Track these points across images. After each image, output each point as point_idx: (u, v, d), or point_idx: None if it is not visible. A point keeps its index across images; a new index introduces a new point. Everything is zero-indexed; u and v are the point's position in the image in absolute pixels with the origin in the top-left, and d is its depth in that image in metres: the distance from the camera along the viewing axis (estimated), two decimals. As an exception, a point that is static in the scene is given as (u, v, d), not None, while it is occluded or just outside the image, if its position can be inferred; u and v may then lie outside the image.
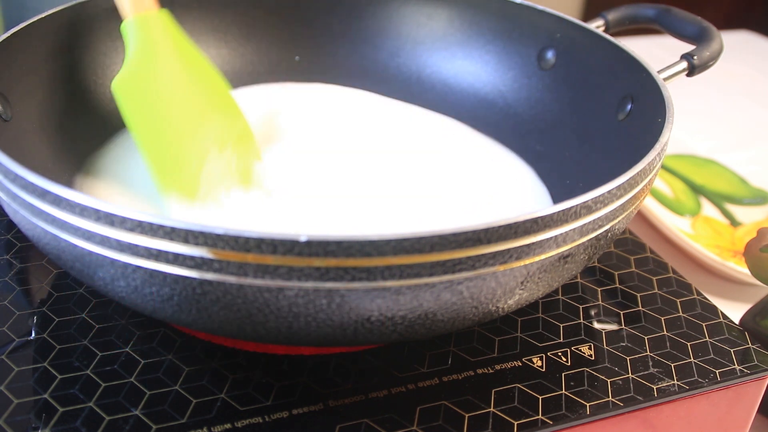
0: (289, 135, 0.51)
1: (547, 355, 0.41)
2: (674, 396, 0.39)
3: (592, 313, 0.44)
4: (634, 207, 0.36)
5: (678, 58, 0.46)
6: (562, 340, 0.42)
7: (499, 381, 0.39)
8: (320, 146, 0.50)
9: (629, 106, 0.45)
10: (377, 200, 0.46)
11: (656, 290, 0.46)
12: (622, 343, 0.42)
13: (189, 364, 0.38)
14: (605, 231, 0.35)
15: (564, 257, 0.33)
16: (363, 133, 0.52)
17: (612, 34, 0.50)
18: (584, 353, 0.41)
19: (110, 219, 0.30)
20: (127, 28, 0.44)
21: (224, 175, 0.44)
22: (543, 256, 0.32)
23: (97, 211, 0.30)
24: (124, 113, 0.44)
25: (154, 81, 0.44)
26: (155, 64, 0.44)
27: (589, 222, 0.33)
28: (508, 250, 0.31)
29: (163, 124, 0.44)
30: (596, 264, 0.48)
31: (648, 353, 0.41)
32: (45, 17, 0.46)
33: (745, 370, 0.41)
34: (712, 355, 0.42)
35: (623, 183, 0.34)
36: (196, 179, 0.43)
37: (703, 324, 0.44)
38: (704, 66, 0.46)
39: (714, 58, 0.46)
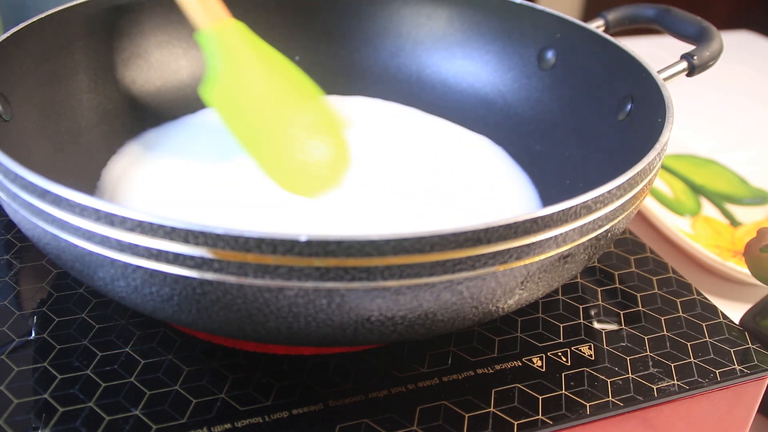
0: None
1: (547, 355, 0.41)
2: (674, 396, 0.39)
3: (592, 313, 0.44)
4: (634, 207, 0.36)
5: (678, 58, 0.46)
6: (562, 340, 0.42)
7: (499, 381, 0.39)
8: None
9: (629, 106, 0.45)
10: (377, 201, 0.46)
11: (656, 290, 0.46)
12: (622, 343, 0.42)
13: (189, 364, 0.38)
14: (605, 231, 0.35)
15: (564, 257, 0.33)
16: (362, 137, 0.52)
17: (612, 34, 0.50)
18: (584, 353, 0.41)
19: (110, 219, 0.30)
20: (206, 38, 0.46)
21: (320, 160, 0.46)
22: (543, 256, 0.32)
23: (97, 211, 0.30)
24: (218, 115, 0.46)
25: (242, 82, 0.46)
26: (240, 67, 0.46)
27: (589, 222, 0.33)
28: (508, 250, 0.31)
29: (256, 120, 0.47)
30: (596, 264, 0.48)
31: (648, 353, 0.41)
32: (45, 17, 0.46)
33: (745, 370, 0.41)
34: (712, 355, 0.42)
35: (623, 183, 0.34)
36: (293, 162, 0.46)
37: (703, 324, 0.44)
38: (704, 66, 0.46)
39: (714, 58, 0.46)
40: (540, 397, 0.38)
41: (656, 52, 0.64)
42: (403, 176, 0.48)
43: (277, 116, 0.47)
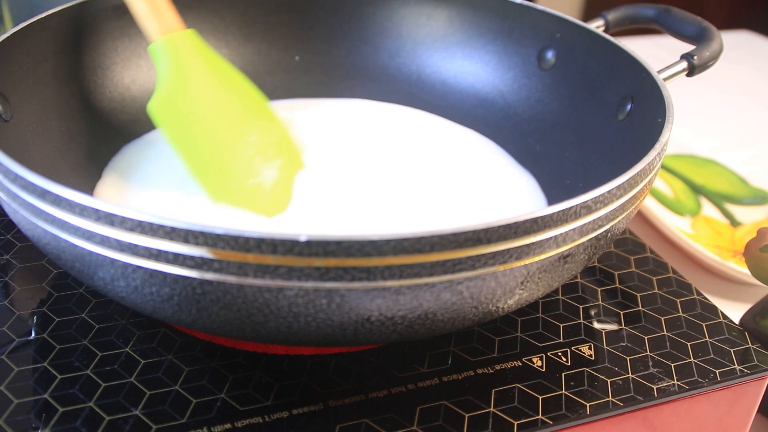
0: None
1: (547, 355, 0.41)
2: (674, 396, 0.39)
3: (592, 313, 0.44)
4: (634, 207, 0.36)
5: (678, 58, 0.46)
6: (562, 340, 0.42)
7: (499, 381, 0.39)
8: (320, 153, 0.50)
9: (629, 106, 0.45)
10: (378, 201, 0.46)
11: (656, 290, 0.46)
12: (622, 343, 0.42)
13: (189, 364, 0.38)
14: (605, 231, 0.35)
15: (564, 257, 0.33)
16: (361, 138, 0.52)
17: (612, 34, 0.50)
18: (584, 353, 0.41)
19: (110, 219, 0.30)
20: (156, 50, 0.45)
21: (270, 182, 0.44)
22: (543, 256, 0.32)
23: (97, 211, 0.30)
24: (164, 133, 0.45)
25: (190, 99, 0.45)
26: (189, 83, 0.45)
27: (589, 222, 0.33)
28: (508, 250, 0.31)
29: (203, 139, 0.45)
30: (596, 264, 0.48)
31: (648, 353, 0.41)
32: (45, 17, 0.46)
33: (745, 370, 0.41)
34: (712, 355, 0.42)
35: (623, 183, 0.34)
36: (243, 188, 0.44)
37: (703, 324, 0.44)
38: (704, 66, 0.46)
39: (714, 58, 0.46)
40: (540, 397, 0.38)
41: (656, 52, 0.64)
42: (402, 177, 0.48)
43: (224, 134, 0.45)
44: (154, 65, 0.45)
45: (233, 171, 0.44)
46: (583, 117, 0.49)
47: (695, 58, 0.45)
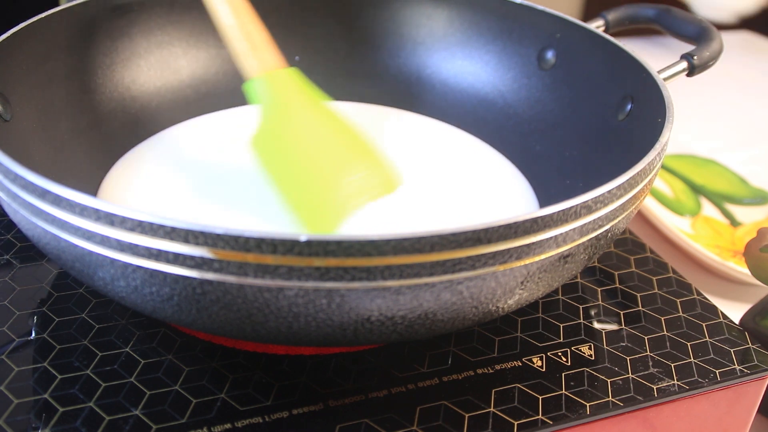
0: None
1: (547, 355, 0.41)
2: (674, 396, 0.39)
3: (592, 313, 0.44)
4: (634, 207, 0.36)
5: (678, 58, 0.46)
6: (562, 340, 0.42)
7: (499, 381, 0.39)
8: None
9: (629, 106, 0.45)
10: (377, 202, 0.46)
11: (656, 290, 0.46)
12: (622, 343, 0.42)
13: (189, 364, 0.38)
14: (605, 231, 0.35)
15: (564, 257, 0.33)
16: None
17: (612, 34, 0.50)
18: (584, 353, 0.41)
19: (110, 219, 0.30)
20: (256, 86, 0.44)
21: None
22: (543, 256, 0.32)
23: (97, 211, 0.30)
24: (263, 168, 0.44)
25: (289, 135, 0.44)
26: (289, 119, 0.44)
27: (589, 222, 0.33)
28: (508, 250, 0.31)
29: (302, 174, 0.44)
30: (596, 264, 0.48)
31: (648, 353, 0.41)
32: (45, 17, 0.46)
33: (745, 370, 0.41)
34: (712, 355, 0.42)
35: (623, 183, 0.34)
36: (337, 219, 0.43)
37: (703, 324, 0.44)
38: (704, 66, 0.46)
39: (714, 58, 0.46)
40: (540, 397, 0.38)
41: (656, 52, 0.64)
42: (402, 178, 0.48)
43: (323, 170, 0.44)
44: (253, 100, 0.45)
45: (331, 204, 0.43)
46: (583, 117, 0.49)
47: (695, 58, 0.45)
